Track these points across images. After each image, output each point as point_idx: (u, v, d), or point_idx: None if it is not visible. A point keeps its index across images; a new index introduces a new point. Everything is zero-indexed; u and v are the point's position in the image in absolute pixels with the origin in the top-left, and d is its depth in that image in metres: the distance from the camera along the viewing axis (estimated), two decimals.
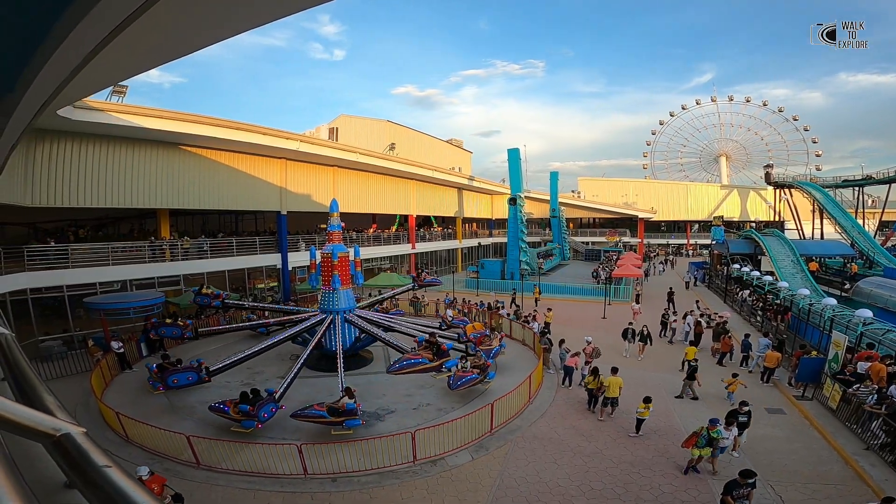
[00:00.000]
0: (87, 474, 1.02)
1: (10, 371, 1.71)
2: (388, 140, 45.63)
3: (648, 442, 11.22)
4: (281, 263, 26.07)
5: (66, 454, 1.15)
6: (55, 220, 28.01)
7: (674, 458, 10.46)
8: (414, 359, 13.25)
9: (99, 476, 1.01)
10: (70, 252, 17.93)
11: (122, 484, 0.91)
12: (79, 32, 3.62)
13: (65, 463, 1.12)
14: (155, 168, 20.38)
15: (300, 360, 13.76)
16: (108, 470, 1.01)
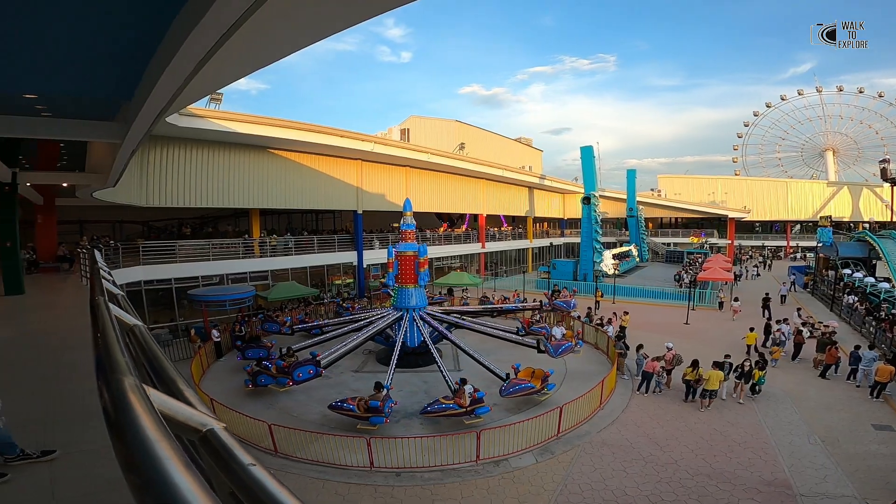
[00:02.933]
0: (233, 471, 1.02)
1: (149, 363, 1.80)
2: (457, 140, 45.94)
3: (732, 454, 10.51)
4: (357, 261, 27.18)
5: (213, 450, 1.15)
6: (164, 218, 31.34)
7: (759, 472, 9.72)
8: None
9: (245, 474, 1.00)
10: (177, 248, 20.01)
11: (268, 483, 0.90)
12: (190, 43, 3.97)
13: (210, 459, 1.10)
14: (247, 170, 22.08)
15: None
16: (253, 468, 1.01)
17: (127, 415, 0.99)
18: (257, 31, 4.28)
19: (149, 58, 5.66)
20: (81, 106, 7.80)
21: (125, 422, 0.95)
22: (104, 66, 6.00)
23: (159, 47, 5.17)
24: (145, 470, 0.75)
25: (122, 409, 1.05)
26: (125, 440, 0.88)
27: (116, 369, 1.36)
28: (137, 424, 0.93)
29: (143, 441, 0.85)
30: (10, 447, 2.81)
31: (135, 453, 0.81)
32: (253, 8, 3.44)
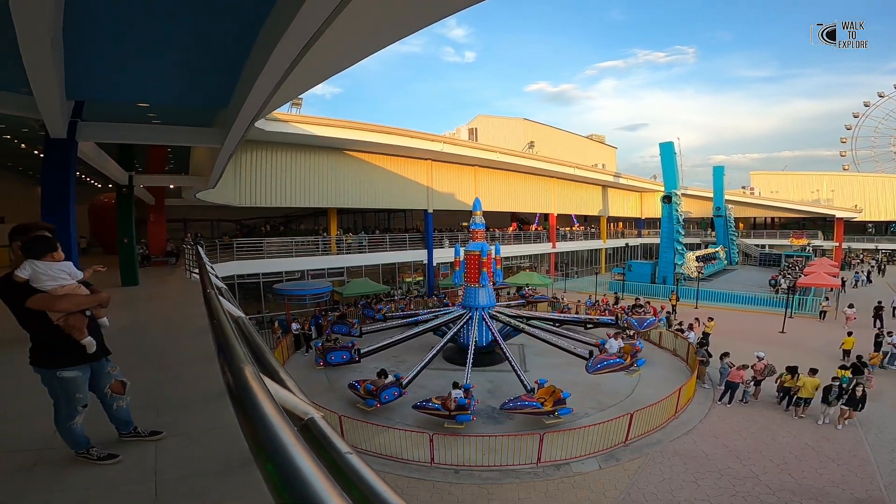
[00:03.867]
0: (332, 460, 1.08)
1: (253, 353, 1.95)
2: (526, 138, 45.15)
3: (823, 470, 9.58)
4: (427, 259, 27.70)
5: (313, 437, 1.24)
6: (254, 217, 33.94)
7: (851, 489, 8.78)
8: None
9: (342, 462, 1.07)
10: (264, 245, 21.65)
11: (364, 472, 0.97)
12: (278, 52, 4.26)
13: (311, 445, 1.18)
14: (325, 171, 23.27)
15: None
16: (350, 456, 1.07)
17: (252, 400, 1.12)
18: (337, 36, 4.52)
19: (241, 68, 6.19)
20: (184, 113, 8.68)
21: (251, 405, 1.07)
22: (204, 77, 6.62)
23: (249, 57, 5.62)
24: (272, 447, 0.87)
25: (247, 394, 1.18)
26: (252, 421, 1.00)
27: (237, 358, 1.52)
28: (262, 410, 1.05)
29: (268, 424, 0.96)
30: (127, 424, 3.13)
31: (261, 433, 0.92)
32: (332, 16, 3.64)
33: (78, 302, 2.77)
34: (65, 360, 2.75)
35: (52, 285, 2.72)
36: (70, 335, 2.73)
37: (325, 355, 14.54)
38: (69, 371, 2.75)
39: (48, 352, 2.74)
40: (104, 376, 2.98)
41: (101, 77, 5.89)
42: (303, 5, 3.38)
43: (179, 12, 4.61)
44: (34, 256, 2.70)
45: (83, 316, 2.81)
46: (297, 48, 4.20)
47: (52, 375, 2.73)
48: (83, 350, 2.78)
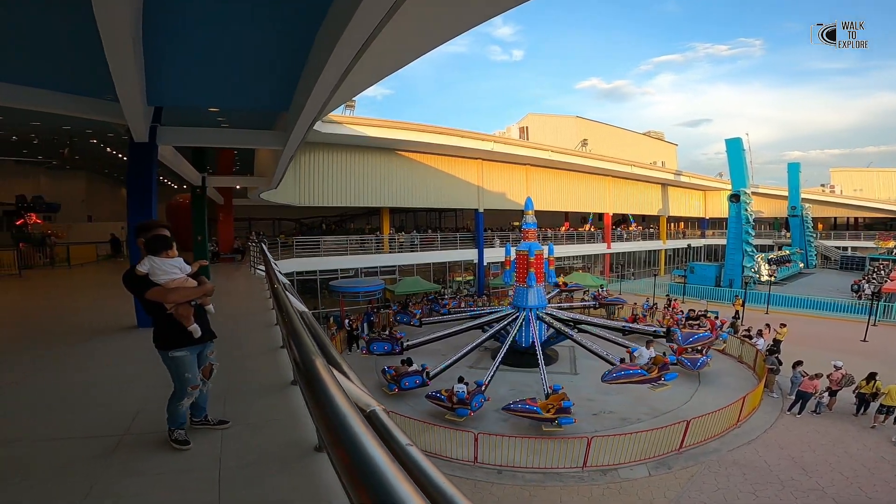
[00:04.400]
0: (394, 451, 1.10)
1: (319, 348, 2.01)
2: (578, 136, 43.89)
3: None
4: (477, 258, 27.65)
5: (375, 429, 1.26)
6: (312, 216, 35.34)
7: None
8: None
9: (403, 454, 1.08)
10: (321, 243, 22.47)
11: (424, 464, 0.97)
12: (335, 56, 4.37)
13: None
14: (378, 171, 23.77)
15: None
16: (410, 448, 1.09)
17: (325, 390, 1.15)
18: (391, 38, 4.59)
19: (299, 73, 6.44)
20: (249, 117, 9.15)
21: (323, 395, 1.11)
22: (266, 82, 6.95)
23: (307, 62, 5.83)
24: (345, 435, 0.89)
25: (319, 385, 1.22)
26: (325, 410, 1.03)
27: (308, 350, 1.59)
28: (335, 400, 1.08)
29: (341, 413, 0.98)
30: (201, 410, 3.34)
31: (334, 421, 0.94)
32: (385, 19, 3.69)
33: (185, 294, 3.08)
34: (176, 342, 3.07)
35: (165, 279, 3.04)
36: (180, 322, 3.04)
37: (370, 345, 15.07)
38: (178, 351, 3.06)
39: (164, 335, 3.08)
40: (204, 359, 3.27)
41: (177, 84, 6.32)
42: (356, 11, 3.44)
43: (243, 21, 4.85)
44: (153, 253, 3.05)
45: (189, 305, 3.11)
46: (352, 52, 4.28)
47: (166, 356, 3.07)
48: (191, 334, 3.09)
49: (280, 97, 7.45)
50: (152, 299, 3.02)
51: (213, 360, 3.37)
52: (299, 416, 3.58)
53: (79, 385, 4.56)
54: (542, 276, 16.77)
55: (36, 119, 11.06)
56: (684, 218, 47.14)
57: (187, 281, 3.17)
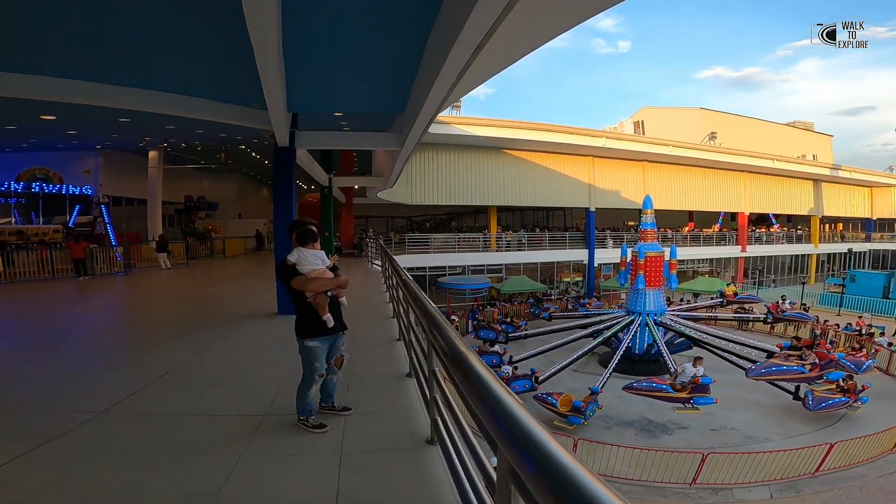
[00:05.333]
0: None
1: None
2: (704, 129, 39.38)
3: None
4: (587, 259, 26.43)
5: None
6: (421, 214, 36.79)
7: None
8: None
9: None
10: (430, 241, 23.29)
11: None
12: (452, 57, 4.40)
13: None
14: (485, 170, 23.88)
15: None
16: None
17: (481, 377, 1.20)
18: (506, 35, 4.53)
19: (413, 75, 6.61)
20: (368, 120, 9.75)
21: (480, 382, 1.18)
22: (386, 85, 7.33)
23: (420, 65, 5.98)
24: (500, 406, 0.94)
25: (475, 373, 1.27)
26: (479, 386, 1.12)
27: (452, 335, 1.65)
28: (493, 387, 1.11)
29: (504, 400, 1.04)
30: (329, 397, 3.63)
31: (488, 394, 1.02)
32: (501, 17, 3.63)
33: (323, 283, 3.36)
34: (311, 331, 3.34)
35: (307, 269, 3.34)
36: (316, 311, 3.32)
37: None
38: (312, 341, 3.33)
39: (302, 324, 3.37)
40: (334, 349, 3.50)
41: (309, 91, 6.96)
42: (472, 10, 3.43)
43: (362, 28, 5.14)
44: (302, 244, 3.38)
45: (326, 296, 3.38)
46: (468, 52, 4.29)
47: (302, 343, 3.34)
48: (325, 324, 3.34)
49: (396, 99, 7.84)
50: (296, 287, 3.31)
51: (345, 351, 3.58)
52: (414, 408, 3.71)
53: (232, 364, 5.24)
54: (661, 280, 15.46)
55: (200, 127, 13.02)
56: (844, 218, 39.91)
57: (325, 272, 3.43)
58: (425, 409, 3.30)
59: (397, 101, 8.03)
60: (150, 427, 3.49)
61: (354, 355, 4.44)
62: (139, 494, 2.57)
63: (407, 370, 4.52)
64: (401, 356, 5.16)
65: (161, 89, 6.83)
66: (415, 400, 3.84)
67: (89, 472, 2.82)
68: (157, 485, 2.68)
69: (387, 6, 4.72)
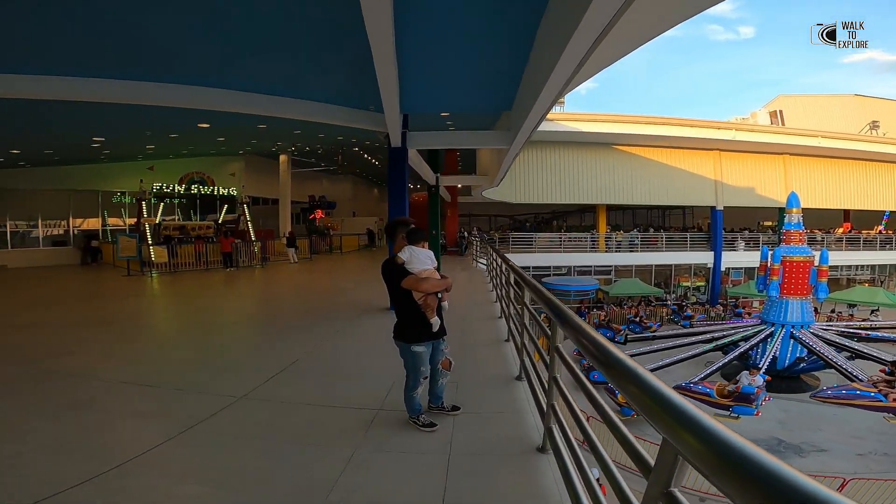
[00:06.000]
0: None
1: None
2: (857, 118, 32.91)
3: None
4: (713, 262, 23.83)
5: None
6: (524, 213, 36.24)
7: None
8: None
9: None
10: (534, 240, 22.80)
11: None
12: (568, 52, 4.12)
13: None
14: (593, 167, 22.83)
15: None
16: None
17: (635, 371, 1.23)
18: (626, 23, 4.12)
19: (520, 72, 6.43)
20: (472, 119, 9.73)
21: (636, 377, 1.20)
22: (493, 84, 7.23)
23: (531, 57, 5.75)
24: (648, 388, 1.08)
25: (632, 370, 1.26)
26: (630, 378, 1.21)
27: (588, 329, 1.55)
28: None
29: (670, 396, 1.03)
30: (438, 398, 3.60)
31: (666, 404, 1.01)
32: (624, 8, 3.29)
33: (434, 284, 3.27)
34: (417, 336, 3.26)
35: (418, 268, 3.26)
36: (424, 314, 3.25)
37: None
38: (419, 346, 3.25)
39: (407, 328, 3.29)
40: (438, 353, 3.44)
41: (420, 92, 7.12)
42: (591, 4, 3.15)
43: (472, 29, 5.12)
44: (412, 242, 3.31)
45: (436, 298, 3.31)
46: (588, 43, 3.98)
47: (408, 349, 3.26)
48: (430, 328, 3.27)
49: (502, 96, 7.71)
50: (406, 287, 3.22)
51: (448, 354, 3.50)
52: (523, 413, 3.58)
53: (351, 356, 5.51)
54: (807, 288, 13.38)
55: (322, 132, 14.14)
56: None
57: (434, 273, 3.35)
58: (539, 415, 3.16)
59: (504, 99, 7.91)
60: (280, 414, 3.75)
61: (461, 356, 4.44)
62: (266, 484, 2.72)
63: (516, 373, 4.40)
64: (509, 358, 5.03)
65: (290, 96, 7.45)
66: (524, 405, 3.71)
67: (226, 458, 3.05)
68: (281, 474, 2.83)
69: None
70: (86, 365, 5.04)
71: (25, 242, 17.83)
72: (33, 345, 5.95)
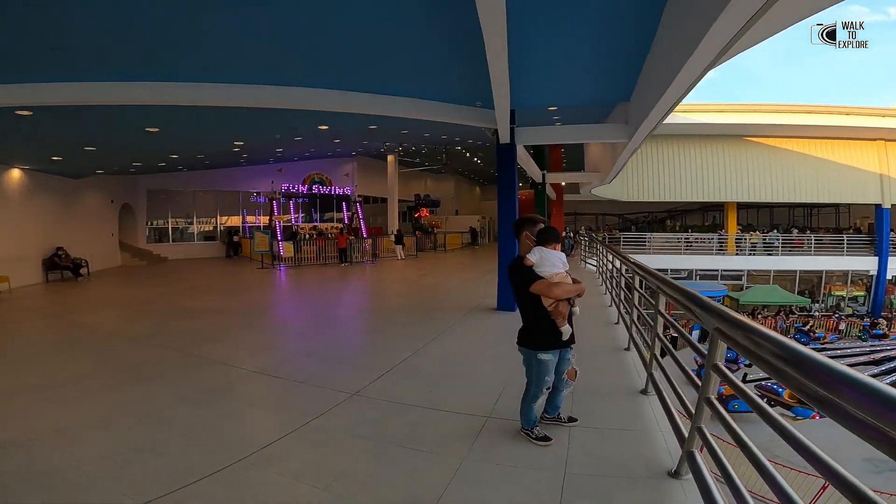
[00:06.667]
0: None
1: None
2: None
3: None
4: (877, 269, 19.95)
5: None
6: (636, 212, 33.83)
7: None
8: None
9: None
10: (648, 240, 21.10)
11: None
12: (711, 35, 3.51)
13: None
14: (720, 162, 20.60)
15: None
16: None
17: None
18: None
19: (643, 58, 5.80)
20: (580, 113, 9.08)
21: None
22: (611, 73, 6.62)
23: (655, 42, 5.19)
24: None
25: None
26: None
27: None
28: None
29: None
30: (555, 409, 3.35)
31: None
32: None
33: (567, 290, 2.97)
34: (545, 343, 3.00)
35: (549, 272, 2.95)
36: (553, 321, 2.98)
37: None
38: (546, 354, 2.99)
39: (534, 335, 3.03)
40: (565, 362, 3.17)
41: (530, 86, 6.78)
42: None
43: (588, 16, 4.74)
44: (543, 243, 3.01)
45: (567, 304, 3.02)
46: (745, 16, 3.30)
47: (533, 356, 3.00)
48: (560, 336, 3.00)
49: (619, 87, 7.09)
50: (535, 292, 2.94)
51: (574, 363, 3.23)
52: (651, 432, 3.21)
53: (459, 358, 5.41)
54: None
55: (427, 131, 14.40)
56: None
57: (567, 277, 3.04)
58: (674, 436, 2.77)
59: (620, 89, 7.25)
60: (389, 414, 3.75)
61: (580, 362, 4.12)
62: (372, 490, 2.68)
63: (640, 386, 3.99)
64: (631, 369, 4.60)
65: (402, 95, 7.48)
66: (651, 423, 3.34)
67: (338, 457, 3.09)
68: (387, 480, 2.79)
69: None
70: (227, 353, 5.57)
71: (183, 237, 20.88)
72: (191, 331, 6.78)
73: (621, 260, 5.85)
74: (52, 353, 5.88)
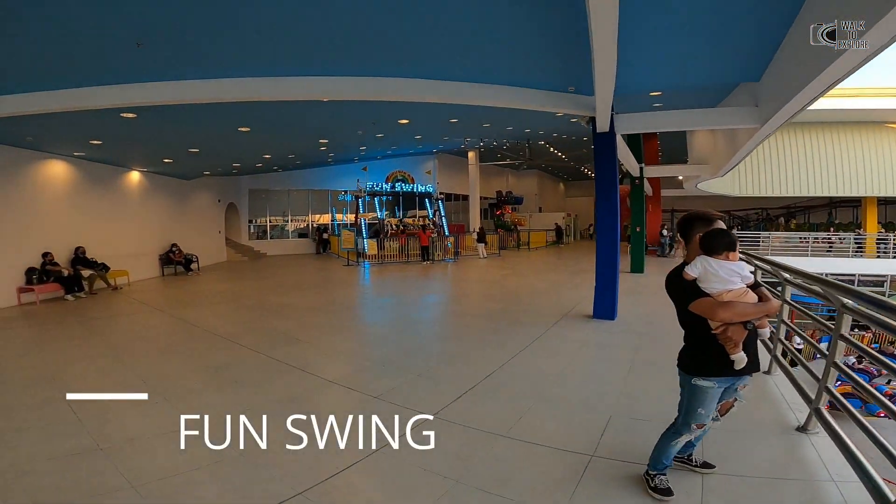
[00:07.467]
0: None
1: None
2: None
3: None
4: None
5: None
6: (746, 208, 30.31)
7: None
8: None
9: None
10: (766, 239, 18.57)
11: None
12: None
13: None
14: (854, 152, 17.61)
15: None
16: None
17: None
18: None
19: (781, 31, 4.77)
20: (687, 97, 7.89)
21: None
22: (737, 48, 5.54)
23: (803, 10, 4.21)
24: None
25: None
26: None
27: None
28: None
29: None
30: (689, 447, 2.66)
31: None
32: None
33: (741, 312, 2.26)
34: (708, 367, 2.38)
35: (718, 289, 2.30)
36: (721, 345, 2.32)
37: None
38: (705, 381, 2.37)
39: (693, 357, 2.45)
40: (729, 392, 2.49)
41: (637, 67, 5.84)
42: None
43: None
44: (708, 252, 2.35)
45: (743, 328, 2.30)
46: None
47: (688, 381, 2.43)
48: (730, 364, 2.32)
49: (750, 64, 5.92)
50: (696, 312, 2.32)
51: (741, 396, 2.51)
52: (819, 482, 2.52)
53: (552, 375, 4.74)
54: None
55: (510, 124, 13.65)
56: None
57: (746, 294, 2.30)
58: (868, 487, 2.18)
59: (747, 67, 6.05)
60: (469, 445, 3.26)
61: None
62: None
63: (796, 423, 3.22)
64: (779, 399, 3.71)
65: (485, 82, 6.76)
66: (818, 469, 2.66)
67: (411, 493, 2.72)
68: None
69: None
70: (307, 359, 5.38)
71: (281, 235, 22.20)
72: (277, 332, 6.75)
73: (766, 265, 4.76)
74: (147, 349, 6.03)
